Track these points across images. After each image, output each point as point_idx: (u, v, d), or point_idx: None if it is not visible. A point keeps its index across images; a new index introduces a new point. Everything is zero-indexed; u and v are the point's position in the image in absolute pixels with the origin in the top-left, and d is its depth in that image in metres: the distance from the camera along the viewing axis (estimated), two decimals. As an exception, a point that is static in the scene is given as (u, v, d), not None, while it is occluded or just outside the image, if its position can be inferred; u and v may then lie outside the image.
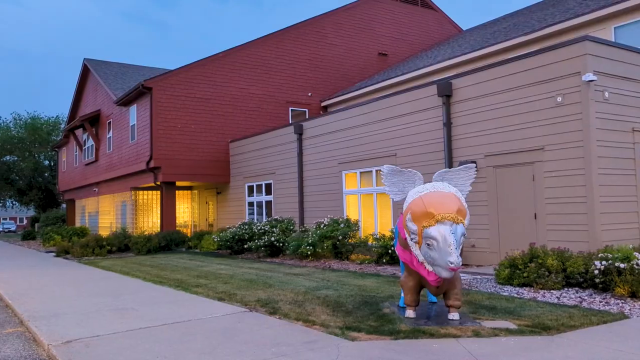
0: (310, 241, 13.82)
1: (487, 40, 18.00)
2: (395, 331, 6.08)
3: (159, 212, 22.05)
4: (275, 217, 17.11)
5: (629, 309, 7.04)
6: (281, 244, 15.21)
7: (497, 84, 11.43)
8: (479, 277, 10.11)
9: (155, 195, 23.11)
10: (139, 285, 10.74)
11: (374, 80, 22.15)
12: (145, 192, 23.20)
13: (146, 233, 19.74)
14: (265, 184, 19.63)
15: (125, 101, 22.42)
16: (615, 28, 14.00)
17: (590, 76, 9.71)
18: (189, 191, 25.55)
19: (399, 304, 7.42)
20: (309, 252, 13.72)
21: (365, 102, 15.75)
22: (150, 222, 23.00)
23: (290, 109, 23.04)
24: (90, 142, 28.68)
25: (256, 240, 15.80)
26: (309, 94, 23.47)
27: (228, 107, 21.71)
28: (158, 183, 20.72)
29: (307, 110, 23.43)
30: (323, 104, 23.68)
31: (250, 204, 20.63)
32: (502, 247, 11.10)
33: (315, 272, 11.77)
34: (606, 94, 10.06)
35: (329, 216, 14.80)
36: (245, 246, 16.47)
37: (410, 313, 6.75)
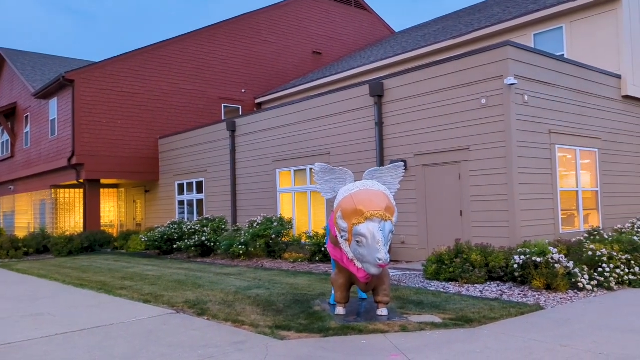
0: (242, 240, 13.62)
1: (418, 43, 18.50)
2: (325, 329, 6.09)
3: (82, 211, 20.96)
4: (207, 216, 16.73)
5: (544, 301, 7.45)
6: (212, 244, 14.89)
7: (426, 85, 11.76)
8: (408, 273, 10.35)
9: (78, 194, 21.96)
10: (57, 288, 10.14)
11: (308, 79, 22.19)
12: (67, 190, 21.99)
13: (67, 234, 18.71)
14: (197, 182, 19.16)
15: (45, 94, 21.12)
16: (534, 35, 14.80)
17: (511, 80, 10.18)
18: (115, 189, 24.50)
19: (329, 302, 7.45)
20: (241, 252, 13.52)
21: (299, 100, 15.73)
22: (73, 222, 21.83)
23: (223, 105, 22.61)
24: (6, 137, 26.83)
25: (186, 240, 15.39)
26: (243, 91, 23.15)
27: (158, 102, 20.99)
28: (81, 181, 19.69)
29: (240, 106, 23.11)
30: (257, 101, 23.44)
31: (181, 202, 20.07)
32: (431, 243, 11.43)
33: (247, 271, 11.61)
34: (526, 97, 10.59)
35: (262, 215, 14.65)
36: (175, 246, 16.00)
37: (340, 310, 6.79)
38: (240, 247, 13.51)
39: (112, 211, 24.37)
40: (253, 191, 16.56)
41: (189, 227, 15.89)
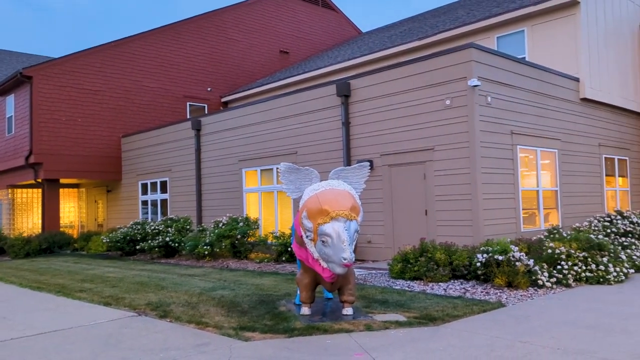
0: (207, 241, 13.44)
1: (385, 43, 18.65)
2: (290, 329, 6.05)
3: (40, 212, 20.29)
4: (171, 216, 16.44)
5: (506, 298, 7.60)
6: (177, 244, 14.64)
7: (393, 85, 11.84)
8: (374, 272, 10.40)
9: (37, 194, 21.24)
10: (13, 291, 9.78)
11: (275, 78, 22.08)
12: (25, 190, 21.24)
13: (25, 235, 18.07)
14: (161, 182, 18.80)
15: (1, 90, 20.33)
16: (497, 37, 15.11)
17: (474, 81, 10.36)
18: (76, 189, 23.81)
19: (295, 302, 7.42)
20: (206, 252, 13.33)
21: (266, 99, 15.62)
22: (31, 223, 21.10)
23: (188, 103, 22.24)
24: (-40, 134, 25.71)
25: (149, 241, 15.07)
26: (209, 89, 22.84)
27: (120, 100, 20.49)
28: (39, 180, 19.05)
29: (206, 105, 22.79)
30: (223, 99, 23.18)
31: (144, 202, 19.66)
32: (396, 242, 11.52)
33: (212, 272, 11.46)
34: (489, 98, 10.80)
35: (228, 215, 14.49)
36: (138, 247, 15.65)
37: (305, 310, 6.76)
38: (205, 247, 13.32)
39: (72, 212, 23.67)
40: (219, 191, 16.36)
41: (152, 227, 15.57)
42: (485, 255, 8.65)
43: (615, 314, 6.51)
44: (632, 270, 9.28)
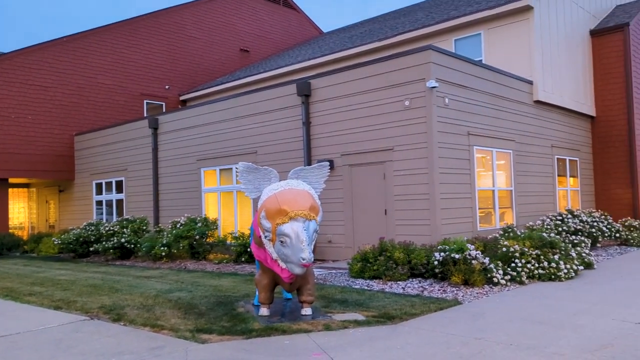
0: (164, 242, 13.15)
1: (345, 44, 18.72)
2: (248, 330, 5.97)
3: (-12, 212, 19.38)
4: (127, 216, 16.00)
5: (462, 296, 7.74)
6: (133, 246, 14.26)
7: (353, 85, 11.89)
8: (334, 271, 10.42)
9: (-16, 194, 20.28)
10: (-44, 296, 9.28)
11: (235, 77, 21.84)
12: (-29, 190, 20.24)
13: (-29, 237, 17.23)
14: (116, 181, 18.29)
15: (-54, 85, 19.33)
16: (455, 40, 15.40)
17: (433, 83, 10.52)
18: (26, 189, 22.89)
19: (254, 303, 7.33)
20: (163, 253, 13.04)
21: (226, 97, 15.41)
22: (-23, 224, 20.13)
23: (145, 101, 21.72)
24: None
25: (104, 242, 14.63)
26: (167, 87, 22.37)
27: (73, 97, 19.80)
28: (-13, 180, 18.21)
29: (164, 103, 22.30)
30: (182, 97, 22.75)
31: (99, 203, 19.07)
32: (357, 242, 11.57)
33: (169, 273, 11.22)
34: (446, 100, 10.98)
35: (186, 215, 14.22)
36: (92, 249, 15.16)
37: (264, 311, 6.69)
38: (162, 248, 13.03)
39: (21, 212, 22.74)
40: (177, 191, 16.04)
41: (107, 228, 15.12)
42: (442, 253, 8.79)
43: (565, 310, 6.72)
44: (581, 267, 9.61)
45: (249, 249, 11.95)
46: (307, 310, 6.60)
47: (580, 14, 16.84)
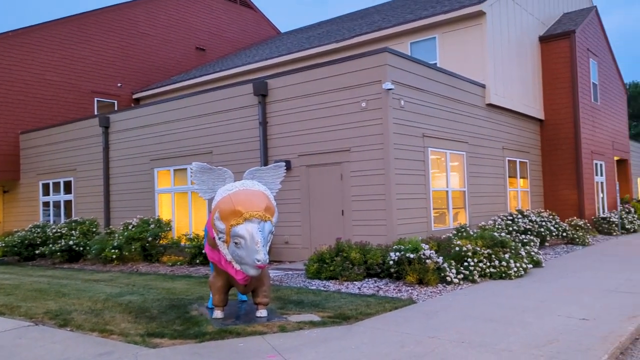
0: (116, 244, 12.76)
1: (303, 45, 18.70)
2: (201, 333, 5.84)
3: None
4: (76, 218, 15.45)
5: (417, 295, 7.84)
6: (82, 248, 13.77)
7: (310, 86, 11.87)
8: (290, 272, 10.36)
9: None
10: None
11: (191, 75, 21.45)
12: None
13: None
14: (65, 182, 17.60)
15: None
16: (411, 43, 15.64)
17: (389, 85, 10.62)
18: (-32, 190, 21.72)
19: (207, 305, 7.19)
20: (114, 256, 12.64)
21: (181, 96, 15.10)
22: None
23: (96, 99, 20.99)
24: None
25: (51, 245, 14.05)
26: (119, 85, 21.71)
27: (18, 94, 18.92)
28: None
29: (116, 101, 21.63)
30: (135, 96, 22.14)
31: (46, 204, 18.31)
32: (314, 242, 11.55)
33: (120, 276, 10.88)
34: (402, 102, 11.12)
35: (138, 216, 13.84)
36: (38, 252, 14.55)
37: (218, 314, 6.57)
38: (113, 251, 12.63)
39: (-38, 214, 21.56)
40: (129, 191, 15.59)
41: (54, 230, 14.54)
42: (397, 253, 8.88)
43: (515, 308, 6.91)
44: (530, 266, 9.92)
45: (203, 251, 11.71)
46: (262, 312, 6.52)
47: (530, 20, 17.43)
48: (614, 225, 17.34)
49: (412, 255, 8.64)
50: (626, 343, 5.39)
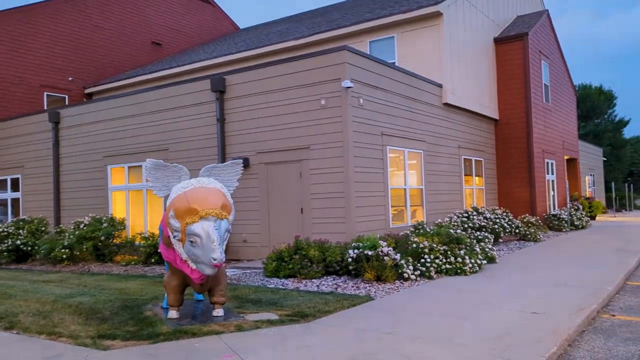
0: (66, 243, 12.30)
1: (262, 41, 18.54)
2: (155, 334, 5.69)
3: None
4: (24, 217, 14.80)
5: (375, 291, 7.89)
6: (30, 248, 13.21)
7: (269, 83, 11.77)
8: (248, 271, 10.25)
9: None
10: None
11: (146, 70, 20.91)
12: None
13: None
14: (12, 179, 16.85)
15: None
16: (370, 42, 15.74)
17: (348, 83, 10.65)
18: None
19: (162, 305, 7.02)
20: (64, 256, 12.19)
21: (136, 91, 14.70)
22: None
23: (45, 94, 20.15)
24: None
25: (-3, 245, 13.41)
26: (70, 79, 20.91)
27: (-38, 86, 18.00)
28: None
29: (67, 96, 20.83)
30: (87, 90, 21.40)
31: (-8, 202, 17.49)
32: (273, 241, 11.45)
33: (70, 277, 10.49)
34: (361, 100, 11.17)
35: (90, 215, 13.39)
36: (-17, 252, 13.85)
37: (173, 314, 6.42)
38: (63, 250, 12.18)
39: None
40: (81, 189, 15.07)
41: (0, 229, 13.88)
42: (356, 250, 8.91)
43: (469, 302, 7.05)
44: (485, 261, 10.16)
45: (158, 250, 11.44)
46: (218, 312, 6.41)
47: (486, 22, 17.86)
48: (563, 222, 18.00)
49: (370, 253, 8.69)
50: (574, 335, 5.58)
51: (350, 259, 8.94)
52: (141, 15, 23.64)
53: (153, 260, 11.70)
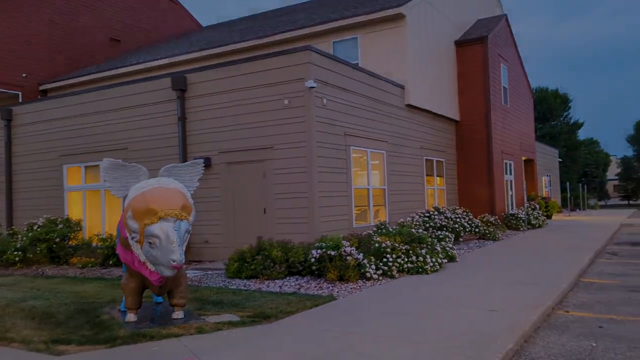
0: (19, 245, 11.86)
1: (225, 40, 18.32)
2: (112, 338, 5.53)
3: None
4: (-27, 218, 14.19)
5: (337, 291, 7.90)
6: (-20, 251, 12.63)
7: (231, 82, 11.64)
8: (210, 272, 10.11)
9: None
10: None
11: (104, 67, 20.34)
12: None
13: None
14: (-39, 179, 16.10)
15: None
16: (334, 42, 15.78)
17: (311, 83, 10.64)
18: None
19: (120, 308, 6.83)
20: (17, 259, 11.73)
21: (94, 88, 14.29)
22: None
23: (-4, 90, 19.39)
24: None
25: (-56, 248, 12.78)
26: (24, 75, 20.14)
27: None
28: None
29: (20, 93, 20.00)
30: (42, 87, 20.65)
31: (-61, 203, 16.66)
32: (235, 241, 11.32)
33: (23, 280, 10.11)
34: (324, 100, 11.18)
35: (45, 216, 12.94)
36: None
37: (131, 317, 6.26)
38: (16, 253, 11.73)
39: None
40: (34, 189, 14.54)
41: (-52, 232, 13.26)
42: (319, 251, 8.90)
43: (430, 301, 7.15)
44: (445, 260, 10.33)
45: (117, 252, 11.15)
46: (178, 314, 6.29)
47: (447, 25, 18.18)
48: (521, 221, 18.51)
49: (333, 253, 8.70)
50: (529, 331, 5.72)
51: (313, 259, 8.93)
52: (98, 10, 22.94)
53: (111, 262, 11.40)
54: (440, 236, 12.12)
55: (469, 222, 14.96)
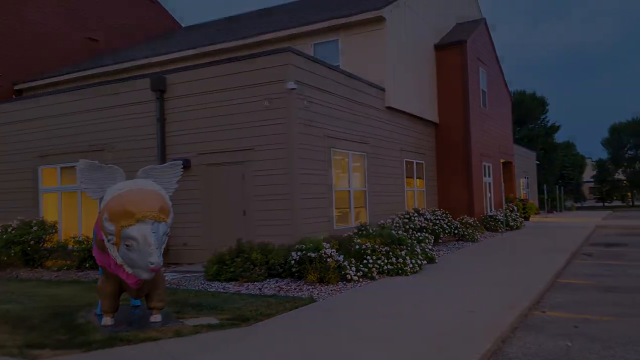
0: (-8, 248, 11.57)
1: (205, 40, 18.18)
2: (88, 342, 5.43)
3: None
4: (-55, 220, 13.79)
5: (317, 293, 7.89)
6: (-49, 254, 12.30)
7: (212, 83, 11.55)
8: (189, 275, 10.01)
9: None
10: None
11: (82, 67, 20.00)
12: None
13: None
14: None
15: None
16: (315, 44, 15.78)
17: (292, 84, 10.62)
18: None
19: (96, 312, 6.71)
20: (-10, 262, 11.46)
21: (71, 89, 14.06)
22: None
23: (-30, 89, 18.93)
24: None
25: None
26: (-2, 74, 19.73)
27: None
28: None
29: (-6, 92, 19.63)
30: (17, 87, 20.20)
31: None
32: (214, 244, 11.20)
33: (-4, 284, 9.87)
34: (305, 102, 11.17)
35: (19, 218, 12.66)
36: None
37: (107, 320, 6.15)
38: (-11, 256, 11.44)
39: None
40: (8, 191, 14.23)
41: None
42: (299, 253, 8.89)
43: (409, 302, 7.18)
44: (425, 262, 10.39)
45: (93, 254, 10.97)
46: (156, 317, 6.21)
47: (427, 29, 18.33)
48: (499, 222, 18.74)
49: (313, 255, 8.69)
50: (507, 332, 5.79)
51: (293, 261, 8.91)
52: (75, 9, 22.55)
53: (87, 264, 11.21)
54: (420, 238, 12.19)
55: (448, 223, 15.09)
